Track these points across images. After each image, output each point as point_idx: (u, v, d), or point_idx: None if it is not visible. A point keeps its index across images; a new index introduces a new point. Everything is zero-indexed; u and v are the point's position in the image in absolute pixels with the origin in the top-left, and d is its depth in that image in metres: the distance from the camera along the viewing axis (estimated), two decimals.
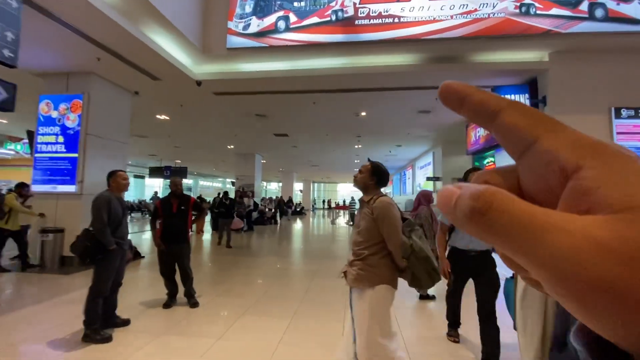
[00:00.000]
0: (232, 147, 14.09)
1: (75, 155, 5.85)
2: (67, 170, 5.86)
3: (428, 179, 13.10)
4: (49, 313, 3.66)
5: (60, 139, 5.94)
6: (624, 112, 5.18)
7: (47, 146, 5.98)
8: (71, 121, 5.92)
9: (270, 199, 19.77)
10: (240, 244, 9.20)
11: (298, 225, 17.20)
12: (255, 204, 15.60)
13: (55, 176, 5.89)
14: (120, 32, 4.75)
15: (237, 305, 3.94)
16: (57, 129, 5.98)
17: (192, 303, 3.83)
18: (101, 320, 2.96)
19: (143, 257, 6.91)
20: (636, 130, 5.16)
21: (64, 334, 3.05)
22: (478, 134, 8.37)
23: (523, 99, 5.68)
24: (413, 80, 6.27)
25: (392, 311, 2.09)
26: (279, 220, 18.34)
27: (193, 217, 4.22)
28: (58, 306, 3.92)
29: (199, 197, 15.87)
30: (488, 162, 8.65)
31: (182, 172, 17.05)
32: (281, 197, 21.78)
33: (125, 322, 3.23)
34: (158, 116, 9.20)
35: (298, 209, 24.59)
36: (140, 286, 5.01)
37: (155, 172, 16.79)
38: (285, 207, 20.34)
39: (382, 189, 2.24)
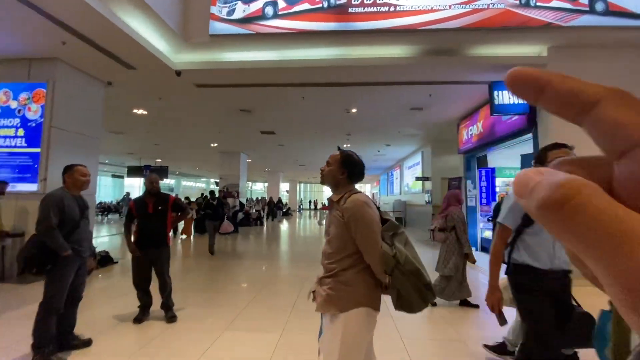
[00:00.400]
0: (215, 145, 13.51)
1: (38, 150, 5.25)
2: (28, 167, 5.25)
3: (417, 178, 12.94)
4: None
5: (20, 132, 5.32)
6: None
7: (4, 140, 5.35)
8: (33, 112, 5.31)
9: (257, 199, 19.23)
10: (224, 248, 8.70)
11: (284, 226, 16.74)
12: (241, 205, 15.07)
13: (14, 174, 5.26)
14: (89, 13, 4.23)
15: (221, 318, 3.51)
16: (16, 121, 5.35)
17: (170, 317, 3.37)
18: (55, 342, 2.48)
19: (116, 262, 6.34)
20: None
21: (12, 357, 2.56)
22: (471, 132, 8.20)
23: None
24: (407, 74, 5.99)
25: (371, 340, 1.68)
26: (264, 222, 17.84)
27: (174, 218, 3.77)
28: (11, 322, 3.39)
29: (186, 198, 15.18)
30: (479, 162, 8.48)
31: (162, 172, 16.37)
32: (271, 198, 21.25)
33: (86, 343, 2.76)
34: (135, 110, 8.58)
35: (285, 210, 24.11)
36: (108, 297, 4.48)
37: (133, 171, 15.96)
38: (275, 209, 19.84)
39: (357, 186, 1.81)
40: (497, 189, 9.27)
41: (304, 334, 3.14)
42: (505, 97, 5.51)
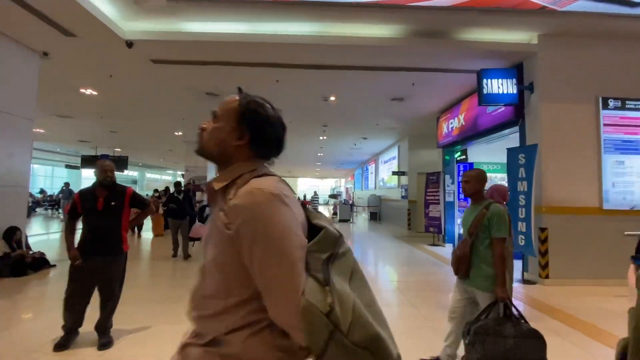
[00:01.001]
0: (180, 133, 12.45)
1: None
2: None
3: (394, 173, 12.68)
4: None
5: None
6: (611, 103, 4.90)
7: None
8: None
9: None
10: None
11: None
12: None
13: None
14: None
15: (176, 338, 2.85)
16: None
17: (103, 343, 2.63)
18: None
19: (54, 265, 5.40)
20: (622, 122, 4.91)
21: None
22: (451, 125, 7.93)
23: (510, 84, 5.20)
24: (391, 58, 5.51)
25: None
26: None
27: (133, 217, 3.03)
28: None
29: (156, 191, 13.79)
30: (459, 156, 8.27)
31: (121, 162, 14.99)
32: None
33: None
34: (82, 90, 7.47)
35: None
36: (35, 311, 3.65)
37: (88, 161, 14.49)
38: None
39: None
40: None
41: None
42: (494, 86, 5.19)
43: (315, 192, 16.76)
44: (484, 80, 5.18)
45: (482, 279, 2.20)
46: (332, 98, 7.63)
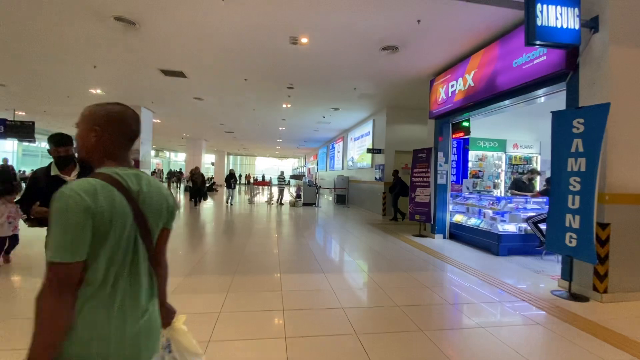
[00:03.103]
0: (98, 91, 9.48)
1: None
2: None
3: (369, 150, 11.03)
4: None
5: None
6: None
7: None
8: None
9: (170, 172, 15.37)
10: None
11: (207, 205, 13.55)
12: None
13: None
14: None
15: None
16: None
17: None
18: None
19: None
20: None
21: None
22: (452, 89, 6.29)
23: (572, 16, 3.56)
24: None
25: None
26: (180, 199, 14.37)
27: None
28: None
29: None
30: (457, 130, 6.72)
31: (24, 129, 11.58)
32: (196, 171, 17.28)
33: None
34: None
35: (209, 185, 20.48)
36: None
37: None
38: (201, 187, 15.28)
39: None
40: (470, 165, 7.79)
41: None
42: (551, 15, 3.51)
43: (282, 173, 14.72)
44: (539, 5, 3.48)
45: None
46: (304, 40, 5.53)
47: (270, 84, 8.20)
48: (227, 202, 12.83)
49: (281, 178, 14.45)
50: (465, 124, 6.44)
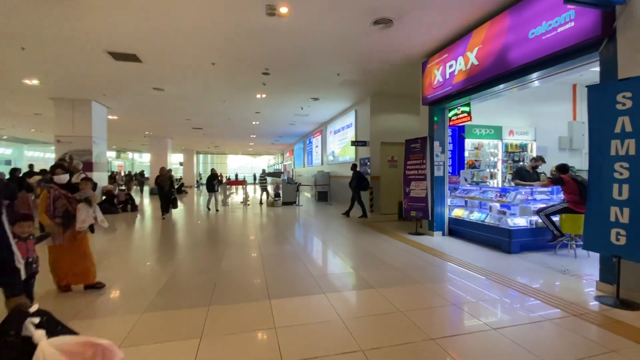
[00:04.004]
0: (34, 82, 7.97)
1: None
2: None
3: (353, 143, 10.27)
4: None
5: None
6: None
7: None
8: None
9: (129, 174, 13.82)
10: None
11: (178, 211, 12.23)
12: (92, 181, 9.94)
13: None
14: None
15: None
16: None
17: None
18: None
19: None
20: None
21: None
22: (451, 69, 5.64)
23: None
24: None
25: None
26: (136, 204, 12.95)
27: None
28: None
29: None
30: (456, 115, 6.10)
31: None
32: (166, 172, 15.62)
33: None
34: None
35: (177, 187, 18.88)
36: None
37: None
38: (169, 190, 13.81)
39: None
40: (466, 154, 7.24)
41: None
42: None
43: (263, 171, 13.76)
44: None
45: None
46: (283, 10, 4.60)
47: (242, 69, 7.16)
48: (208, 208, 11.08)
49: (262, 178, 13.45)
50: (466, 108, 5.82)
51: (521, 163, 7.32)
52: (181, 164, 27.71)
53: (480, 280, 3.78)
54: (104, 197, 10.05)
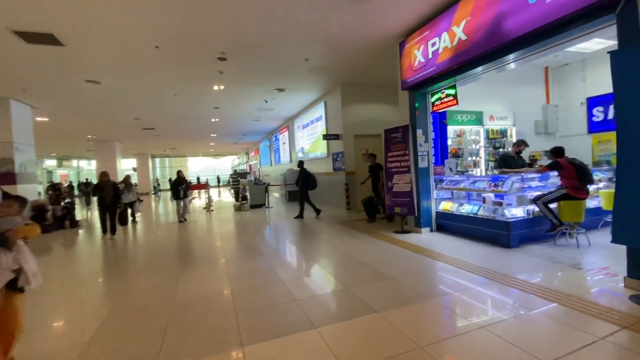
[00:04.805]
0: None
1: None
2: None
3: (325, 137, 9.52)
4: None
5: None
6: None
7: None
8: None
9: (70, 185, 12.00)
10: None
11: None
12: (21, 199, 8.25)
13: None
14: None
15: None
16: None
17: None
18: None
19: None
20: None
21: None
22: (434, 47, 5.06)
23: None
24: None
25: None
26: (78, 221, 11.29)
27: None
28: None
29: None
30: (440, 99, 5.55)
31: None
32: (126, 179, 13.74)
33: None
34: None
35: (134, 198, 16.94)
36: None
37: None
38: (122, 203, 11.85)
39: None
40: (449, 142, 6.77)
41: None
42: None
43: (235, 171, 12.63)
44: None
45: None
46: None
47: (194, 54, 6.09)
48: (181, 219, 9.13)
49: (235, 179, 12.32)
50: (451, 91, 5.28)
51: (502, 150, 7.01)
52: (135, 169, 25.34)
53: (494, 287, 3.20)
54: (32, 213, 8.41)
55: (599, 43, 6.38)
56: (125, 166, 26.50)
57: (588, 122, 7.37)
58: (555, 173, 4.80)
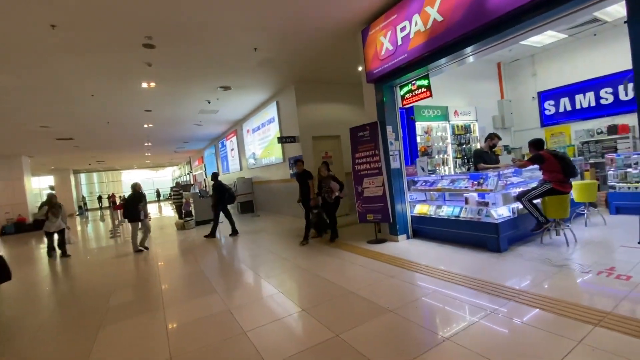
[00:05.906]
0: None
1: None
2: None
3: (279, 139, 8.56)
4: None
5: None
6: None
7: None
8: None
9: None
10: None
11: (34, 253, 8.59)
12: None
13: None
14: None
15: None
16: None
17: None
18: None
19: None
20: None
21: None
22: (404, 33, 4.48)
23: None
24: None
25: None
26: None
27: None
28: None
29: None
30: (411, 92, 5.00)
31: None
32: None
33: None
34: None
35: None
36: None
37: None
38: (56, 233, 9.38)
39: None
40: (418, 140, 6.29)
41: None
42: None
43: (177, 183, 11.04)
44: None
45: None
46: None
47: (108, 37, 4.76)
48: (141, 248, 6.83)
49: (176, 192, 10.73)
50: (423, 82, 4.74)
51: (465, 146, 6.77)
52: (52, 188, 21.60)
53: (514, 310, 2.60)
54: None
55: (551, 36, 6.45)
56: (42, 185, 22.53)
57: (540, 115, 7.52)
58: (537, 167, 4.51)
